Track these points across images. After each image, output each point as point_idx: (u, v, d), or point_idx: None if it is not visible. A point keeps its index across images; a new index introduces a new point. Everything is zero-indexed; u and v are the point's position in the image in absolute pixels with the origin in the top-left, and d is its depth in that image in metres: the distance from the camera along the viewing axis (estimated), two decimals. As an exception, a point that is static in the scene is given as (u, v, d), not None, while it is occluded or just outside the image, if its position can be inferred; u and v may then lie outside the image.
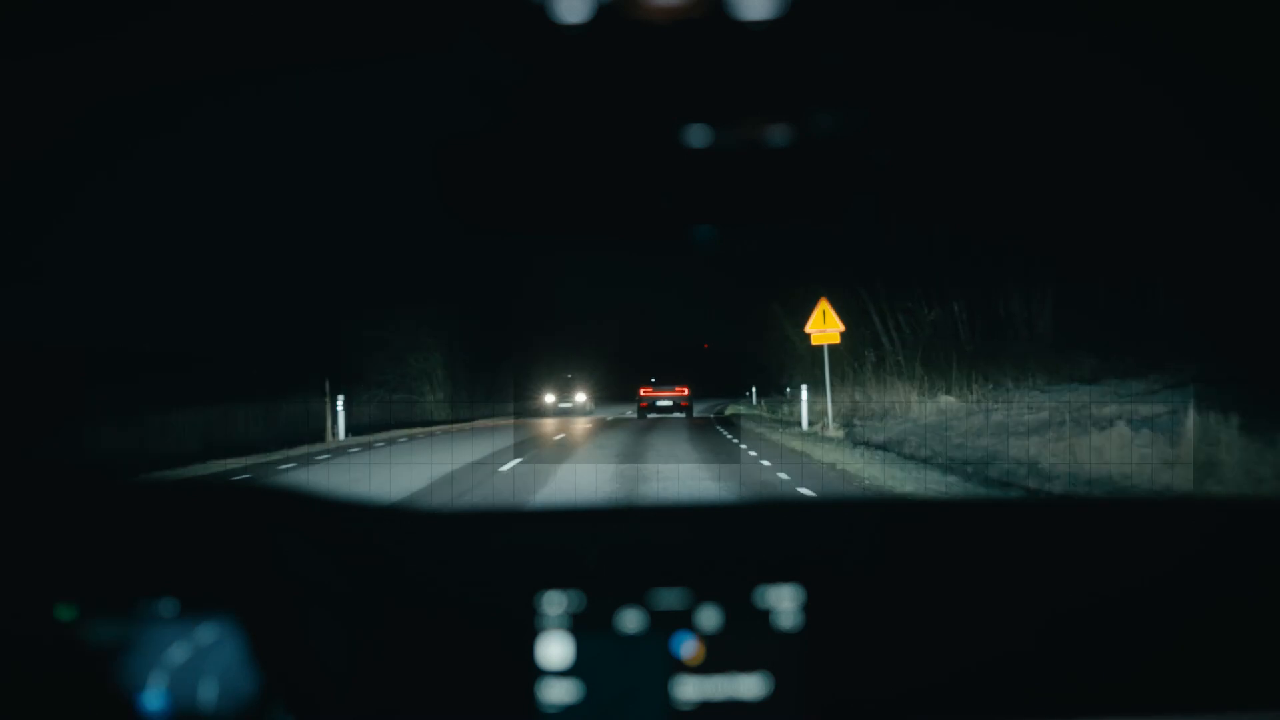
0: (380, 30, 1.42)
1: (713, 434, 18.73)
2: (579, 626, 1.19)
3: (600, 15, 1.13)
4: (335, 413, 19.29)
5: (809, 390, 19.84)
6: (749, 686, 1.19)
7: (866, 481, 9.50)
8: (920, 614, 1.21)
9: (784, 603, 1.21)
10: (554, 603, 1.19)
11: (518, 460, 12.13)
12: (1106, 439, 9.66)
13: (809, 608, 1.21)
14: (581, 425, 23.88)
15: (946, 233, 18.53)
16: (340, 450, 15.57)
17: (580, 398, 39.03)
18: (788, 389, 22.08)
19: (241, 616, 1.14)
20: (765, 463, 11.57)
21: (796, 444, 14.72)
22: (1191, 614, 1.21)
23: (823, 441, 15.13)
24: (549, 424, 25.48)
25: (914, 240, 19.31)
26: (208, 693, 1.13)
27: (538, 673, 1.18)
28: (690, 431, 19.57)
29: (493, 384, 36.75)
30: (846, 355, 22.28)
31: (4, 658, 1.10)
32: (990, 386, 17.03)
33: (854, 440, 15.02)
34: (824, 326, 17.55)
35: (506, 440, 16.85)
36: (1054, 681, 1.19)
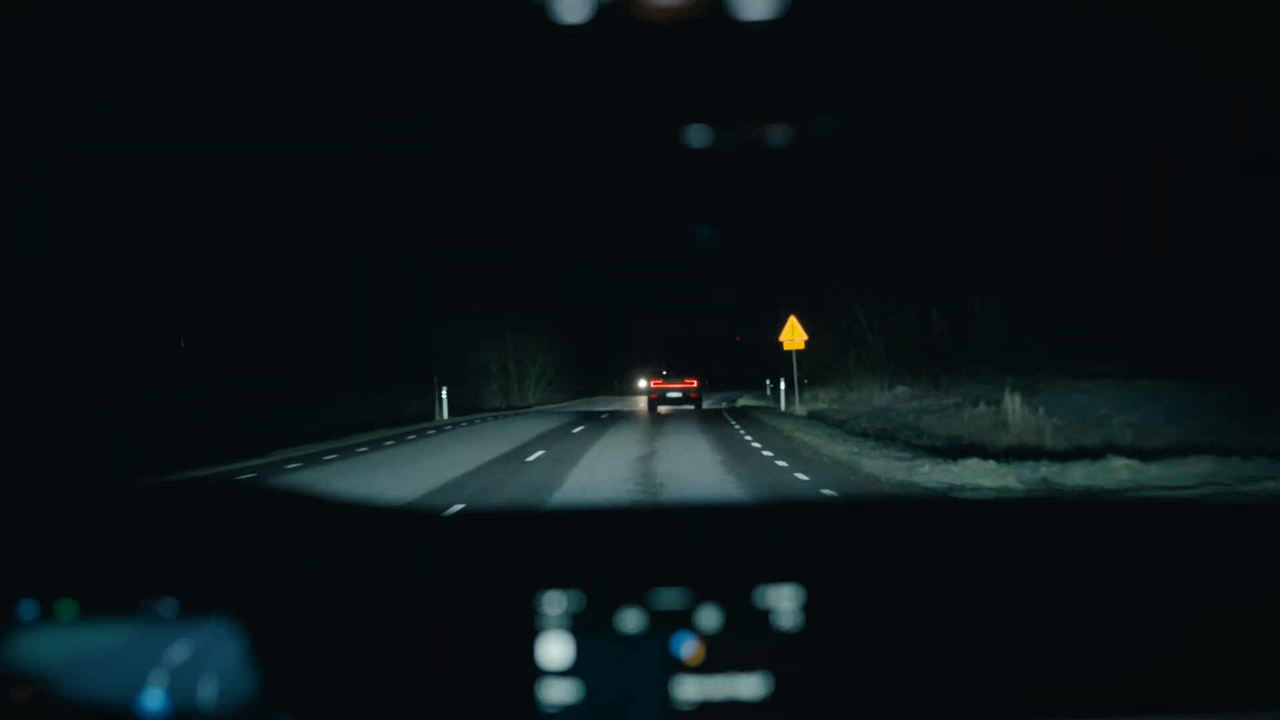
0: (378, 30, 1.42)
1: (712, 414, 24.19)
2: (579, 626, 1.19)
3: (600, 15, 1.13)
4: (441, 400, 26.12)
5: (786, 382, 25.28)
6: (749, 686, 1.19)
7: (797, 440, 14.56)
8: (920, 614, 1.21)
9: (784, 603, 1.21)
10: (554, 603, 1.19)
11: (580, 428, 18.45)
12: (969, 413, 15.30)
13: (809, 608, 1.21)
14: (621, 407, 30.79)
15: (924, 240, 21.22)
16: (452, 426, 21.51)
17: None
18: (805, 380, 25.72)
19: (241, 616, 1.14)
20: (736, 427, 17.82)
21: (765, 418, 21.15)
22: (1192, 615, 1.21)
23: (786, 418, 21.14)
24: (598, 406, 33.45)
25: (898, 246, 22.20)
26: (208, 693, 1.13)
27: (538, 673, 1.18)
28: (696, 416, 24.54)
29: (552, 375, 43.62)
30: (838, 352, 27.43)
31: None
32: (946, 379, 20.91)
33: (813, 417, 20.80)
34: (793, 336, 23.18)
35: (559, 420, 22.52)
36: (1054, 681, 1.19)
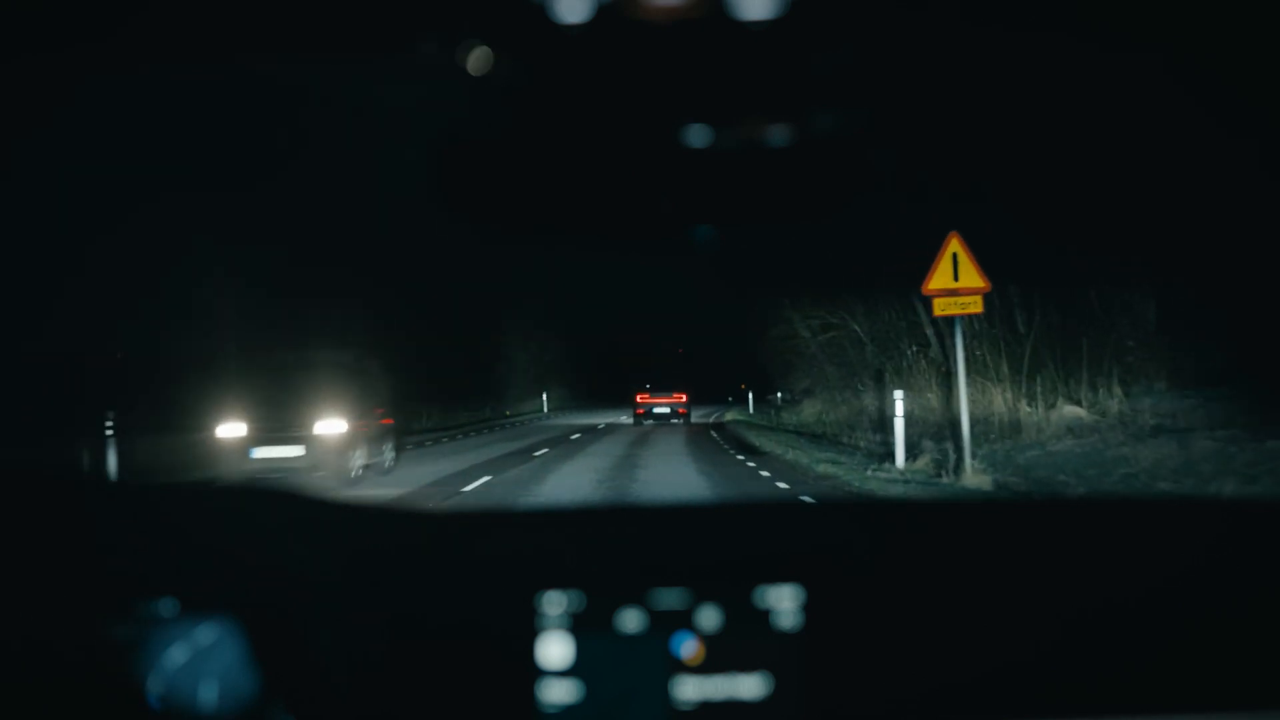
0: (380, 30, 1.42)
1: (747, 478, 11.97)
2: (579, 626, 1.19)
3: (600, 15, 1.13)
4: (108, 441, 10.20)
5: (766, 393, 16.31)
6: (749, 686, 1.19)
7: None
8: (921, 614, 1.21)
9: (784, 603, 1.21)
10: (554, 603, 1.19)
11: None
12: None
13: (809, 608, 1.21)
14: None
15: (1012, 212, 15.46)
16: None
17: (327, 429, 11.11)
18: (779, 394, 20.08)
19: (241, 616, 1.14)
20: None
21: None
22: (1194, 614, 1.21)
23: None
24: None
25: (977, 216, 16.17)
26: (208, 693, 1.13)
27: (538, 673, 1.18)
28: (700, 466, 13.72)
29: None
30: (889, 347, 17.78)
31: (7, 659, 1.10)
32: (1088, 391, 13.92)
33: (1001, 485, 9.59)
34: (955, 284, 9.06)
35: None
36: (1055, 682, 1.19)
